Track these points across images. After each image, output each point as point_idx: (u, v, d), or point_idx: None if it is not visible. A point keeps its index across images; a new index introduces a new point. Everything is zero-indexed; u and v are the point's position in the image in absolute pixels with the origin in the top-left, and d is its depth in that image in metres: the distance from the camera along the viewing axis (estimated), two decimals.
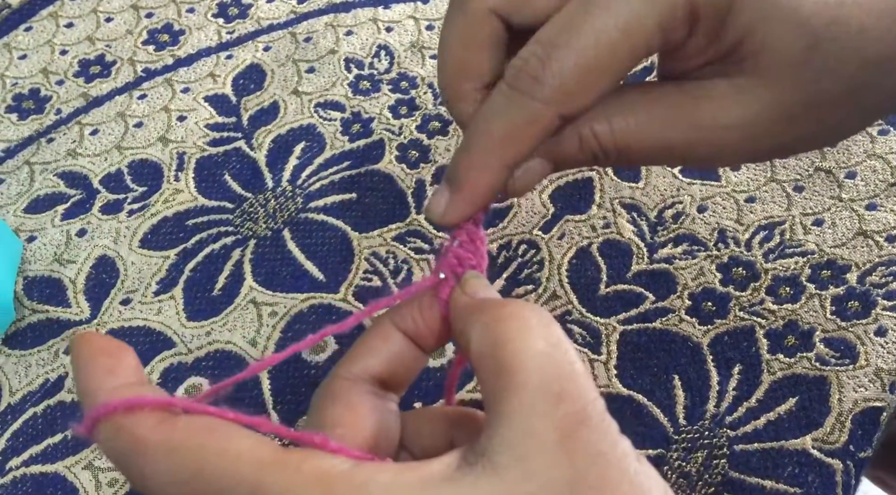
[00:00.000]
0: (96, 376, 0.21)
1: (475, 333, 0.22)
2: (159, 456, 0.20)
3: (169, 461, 0.20)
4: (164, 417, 0.20)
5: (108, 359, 0.21)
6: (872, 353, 0.37)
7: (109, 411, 0.20)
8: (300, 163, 0.47)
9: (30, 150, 0.50)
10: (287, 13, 0.55)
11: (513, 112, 0.25)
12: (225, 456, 0.20)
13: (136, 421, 0.20)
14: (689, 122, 0.25)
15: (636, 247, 0.42)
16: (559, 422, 0.20)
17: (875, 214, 0.42)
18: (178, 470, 0.20)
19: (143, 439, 0.20)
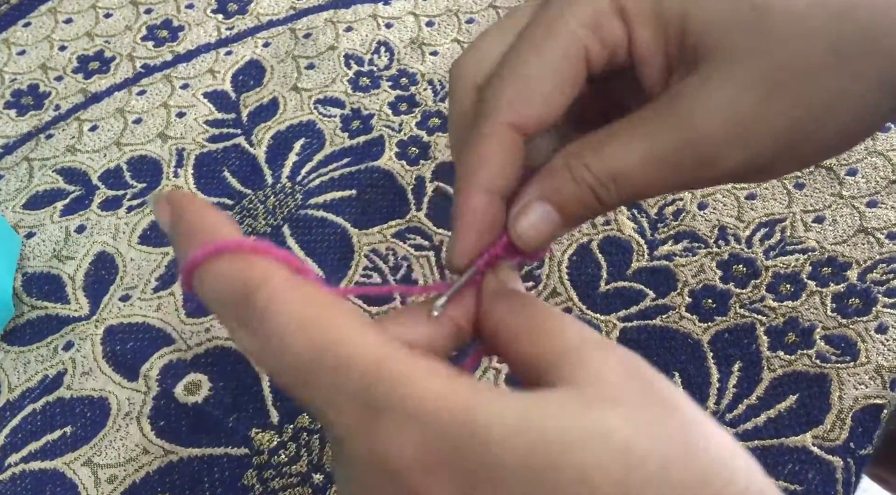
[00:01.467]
0: (213, 220, 0.20)
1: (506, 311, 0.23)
2: (283, 308, 0.19)
3: (289, 317, 0.19)
4: (296, 275, 0.20)
5: (220, 214, 0.21)
6: (873, 350, 0.37)
7: (241, 247, 0.19)
8: (300, 160, 0.47)
9: (28, 146, 0.50)
10: (287, 9, 0.55)
11: (473, 133, 0.26)
12: (347, 341, 0.19)
13: (271, 268, 0.19)
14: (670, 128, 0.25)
15: (636, 244, 0.42)
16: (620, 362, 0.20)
17: (876, 211, 0.42)
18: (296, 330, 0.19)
19: (274, 285, 0.19)
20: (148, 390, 0.40)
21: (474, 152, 0.26)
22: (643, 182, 0.25)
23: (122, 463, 0.38)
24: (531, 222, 0.26)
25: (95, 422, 0.39)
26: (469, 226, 0.26)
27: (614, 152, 0.25)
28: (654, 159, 0.25)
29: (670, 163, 0.25)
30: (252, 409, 0.39)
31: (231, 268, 0.20)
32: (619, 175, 0.25)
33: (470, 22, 0.53)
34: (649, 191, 0.26)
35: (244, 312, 0.20)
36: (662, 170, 0.25)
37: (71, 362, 0.41)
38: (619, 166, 0.25)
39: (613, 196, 0.26)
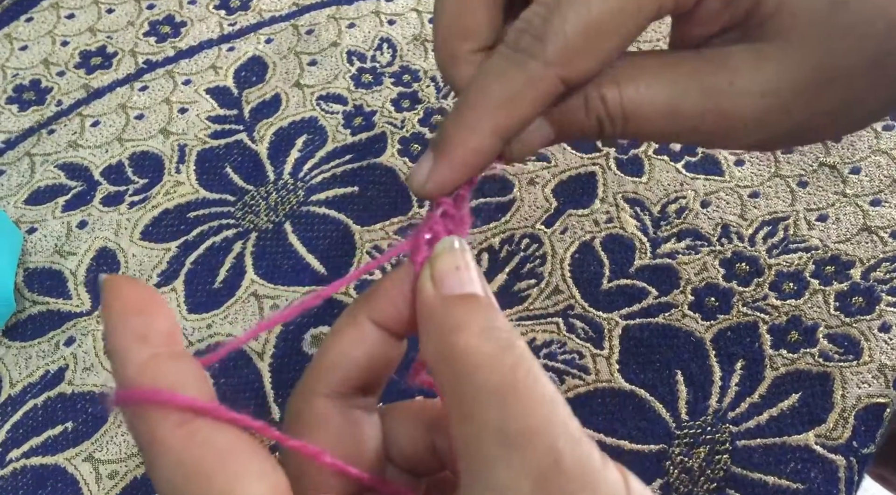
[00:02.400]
0: (126, 340, 0.20)
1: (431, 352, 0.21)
2: (170, 463, 0.19)
3: (176, 473, 0.19)
4: (187, 419, 0.19)
5: (139, 321, 0.20)
6: (876, 349, 0.37)
7: (133, 399, 0.19)
8: (302, 156, 0.47)
9: (30, 142, 0.50)
10: (289, 5, 0.55)
11: (512, 72, 0.23)
12: None
13: (157, 417, 0.19)
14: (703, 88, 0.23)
15: (639, 241, 0.42)
16: (529, 470, 0.18)
17: (879, 210, 0.42)
18: (181, 486, 0.19)
19: (160, 439, 0.19)
20: None
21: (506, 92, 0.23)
22: (653, 130, 0.24)
23: (124, 458, 0.38)
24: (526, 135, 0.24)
25: (97, 418, 0.39)
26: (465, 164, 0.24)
27: (636, 92, 0.24)
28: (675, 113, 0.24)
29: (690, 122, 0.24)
30: (253, 406, 0.39)
31: (129, 421, 0.20)
32: (632, 117, 0.24)
33: None
34: (654, 137, 0.25)
35: (145, 462, 0.19)
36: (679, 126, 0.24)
37: (72, 357, 0.41)
38: (636, 108, 0.24)
39: (617, 131, 0.24)
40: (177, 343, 0.20)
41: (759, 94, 0.24)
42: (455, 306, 0.21)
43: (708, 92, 0.24)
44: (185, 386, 0.19)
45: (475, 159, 0.24)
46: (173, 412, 0.19)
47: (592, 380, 0.38)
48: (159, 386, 0.19)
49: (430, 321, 0.21)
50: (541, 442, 0.18)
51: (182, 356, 0.20)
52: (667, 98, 0.24)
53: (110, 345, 0.20)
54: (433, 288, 0.22)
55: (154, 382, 0.19)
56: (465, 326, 0.20)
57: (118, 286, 0.20)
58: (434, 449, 0.24)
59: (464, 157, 0.24)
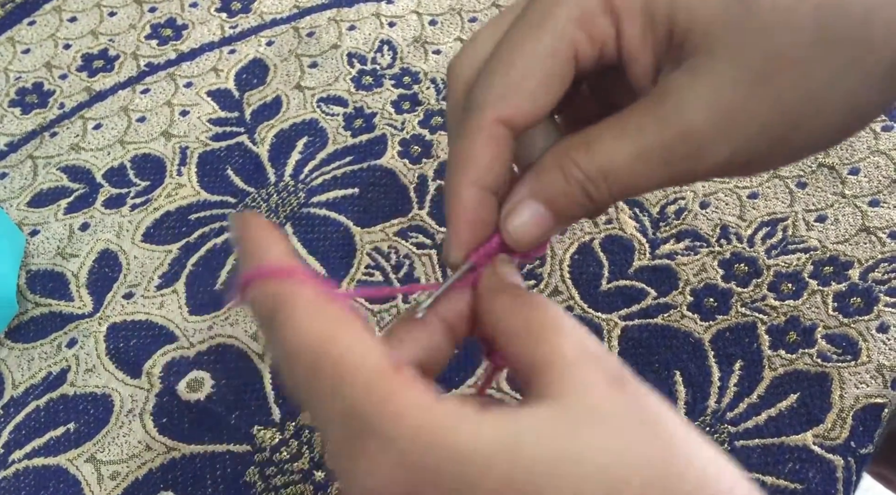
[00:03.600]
0: (265, 242, 0.22)
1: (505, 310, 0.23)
2: (303, 321, 0.21)
3: (300, 334, 0.20)
4: (320, 294, 0.21)
5: (273, 233, 0.23)
6: (874, 350, 0.37)
7: (281, 272, 0.21)
8: (302, 158, 0.48)
9: (33, 144, 0.50)
10: (290, 8, 0.55)
11: (461, 128, 0.26)
12: (343, 360, 0.20)
13: (296, 286, 0.21)
14: (658, 122, 0.25)
15: (638, 242, 0.42)
16: (605, 375, 0.21)
17: (878, 211, 0.42)
18: (303, 346, 0.20)
19: (296, 302, 0.21)
20: (151, 387, 0.40)
21: (462, 147, 0.26)
22: (633, 178, 0.25)
23: (125, 459, 0.38)
24: (522, 221, 0.26)
25: (98, 419, 0.39)
26: (460, 220, 0.26)
27: (603, 149, 0.25)
28: (643, 155, 0.25)
29: (659, 157, 0.25)
30: (254, 406, 0.39)
31: (264, 291, 0.22)
32: (609, 172, 0.25)
33: (473, 21, 0.53)
34: (640, 187, 0.26)
35: (270, 329, 0.21)
36: (652, 166, 0.25)
37: (74, 359, 0.41)
38: (608, 163, 0.25)
39: (604, 193, 0.26)
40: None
41: (703, 107, 0.24)
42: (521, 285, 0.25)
43: (662, 122, 0.25)
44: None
45: (470, 215, 0.26)
46: (310, 286, 0.21)
47: None
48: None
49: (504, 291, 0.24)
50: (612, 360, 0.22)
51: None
52: (632, 143, 0.25)
53: (250, 246, 0.23)
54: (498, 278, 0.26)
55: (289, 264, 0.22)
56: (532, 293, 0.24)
57: (252, 216, 0.23)
58: None
59: (460, 217, 0.26)
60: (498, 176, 0.26)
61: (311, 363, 0.20)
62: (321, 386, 0.20)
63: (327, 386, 0.20)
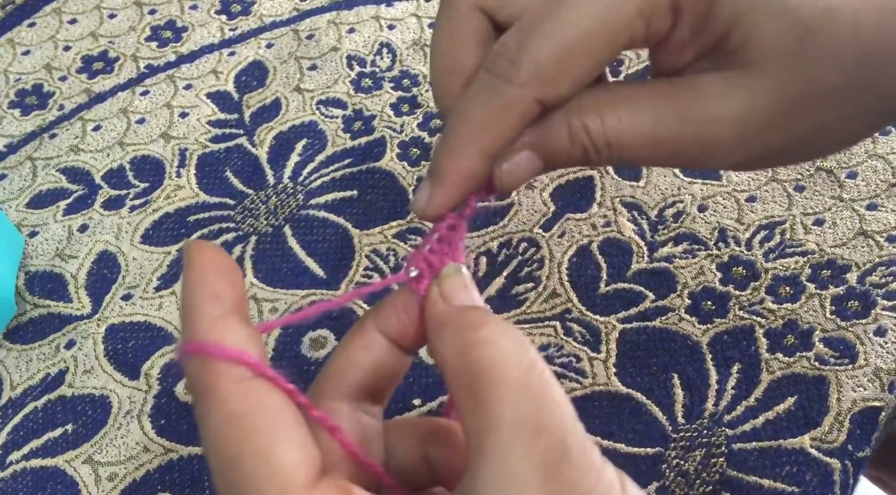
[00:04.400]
0: (202, 296, 0.21)
1: (448, 353, 0.22)
2: (223, 412, 0.20)
3: (226, 423, 0.20)
4: (247, 378, 0.20)
5: (217, 280, 0.21)
6: (872, 353, 0.38)
7: (202, 350, 0.20)
8: (301, 160, 0.48)
9: (32, 146, 0.50)
10: (290, 10, 0.55)
11: (489, 96, 0.24)
12: (262, 461, 0.20)
13: (220, 369, 0.20)
14: (679, 116, 0.24)
15: (636, 245, 0.42)
16: (539, 460, 0.19)
17: (876, 214, 0.42)
18: (225, 441, 0.20)
19: (219, 388, 0.20)
20: (149, 389, 0.40)
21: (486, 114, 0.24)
22: (636, 155, 0.25)
23: (123, 460, 0.38)
24: (514, 164, 0.25)
25: (96, 420, 0.39)
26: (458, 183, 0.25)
27: (616, 122, 0.25)
28: (655, 141, 0.25)
29: (670, 148, 0.25)
30: None
31: (191, 369, 0.21)
32: (616, 144, 0.25)
33: None
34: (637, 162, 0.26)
35: (197, 409, 0.21)
36: (660, 152, 0.25)
37: (73, 360, 0.41)
38: (617, 138, 0.25)
39: (602, 159, 0.25)
40: (245, 309, 0.22)
41: (732, 120, 0.24)
42: (471, 311, 0.23)
43: (684, 119, 0.25)
44: (248, 348, 0.21)
45: (466, 181, 0.25)
46: (236, 367, 0.20)
47: (589, 384, 0.38)
48: (226, 344, 0.21)
49: (447, 326, 0.23)
50: (552, 435, 0.19)
51: (248, 321, 0.22)
52: (647, 126, 0.25)
53: (186, 300, 0.21)
54: (443, 302, 0.24)
55: (221, 339, 0.21)
56: (483, 325, 0.22)
57: (202, 248, 0.22)
58: (428, 461, 0.25)
59: (455, 180, 0.25)
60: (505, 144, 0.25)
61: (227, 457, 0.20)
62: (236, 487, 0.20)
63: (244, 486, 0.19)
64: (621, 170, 0.45)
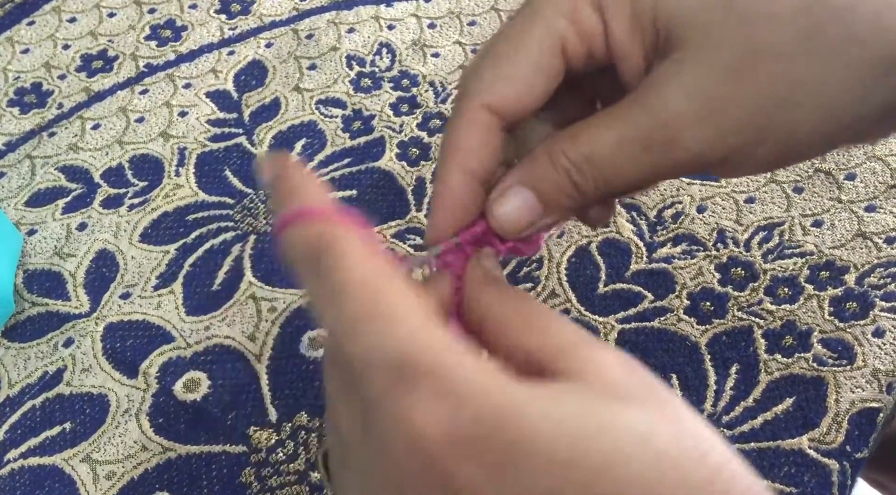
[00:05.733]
0: (306, 184, 0.22)
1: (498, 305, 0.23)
2: (350, 266, 0.20)
3: (354, 275, 0.20)
4: (367, 240, 0.21)
5: (312, 177, 0.23)
6: (870, 354, 0.38)
7: (333, 217, 0.21)
8: (301, 160, 0.48)
9: (31, 144, 0.50)
10: (289, 10, 0.55)
11: (453, 115, 0.27)
12: (401, 304, 0.20)
13: (348, 233, 0.21)
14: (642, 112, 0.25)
15: (635, 246, 0.42)
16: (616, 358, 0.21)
17: (874, 216, 0.42)
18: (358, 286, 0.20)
19: (347, 248, 0.21)
20: (147, 387, 0.40)
21: (451, 132, 0.26)
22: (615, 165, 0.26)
23: (121, 459, 0.38)
24: (510, 206, 0.26)
25: (94, 419, 0.39)
26: (443, 203, 0.26)
27: (588, 137, 0.26)
28: (623, 142, 0.25)
29: (639, 144, 0.25)
30: (251, 407, 0.39)
31: (310, 230, 0.22)
32: (591, 157, 0.26)
33: (472, 24, 0.53)
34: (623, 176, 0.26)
35: (315, 267, 0.21)
36: (632, 152, 0.25)
37: (71, 359, 0.41)
38: (590, 150, 0.26)
39: (589, 181, 0.26)
40: None
41: (682, 96, 0.25)
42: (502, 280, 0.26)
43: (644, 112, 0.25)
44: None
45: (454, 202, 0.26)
46: (359, 232, 0.21)
47: None
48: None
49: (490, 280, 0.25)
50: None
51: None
52: (615, 132, 0.26)
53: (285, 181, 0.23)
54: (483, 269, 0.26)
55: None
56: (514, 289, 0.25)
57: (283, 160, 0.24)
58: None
59: (442, 201, 0.26)
60: (483, 162, 0.26)
61: (366, 302, 0.20)
62: (373, 328, 0.20)
63: (381, 327, 0.20)
64: None
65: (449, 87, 0.50)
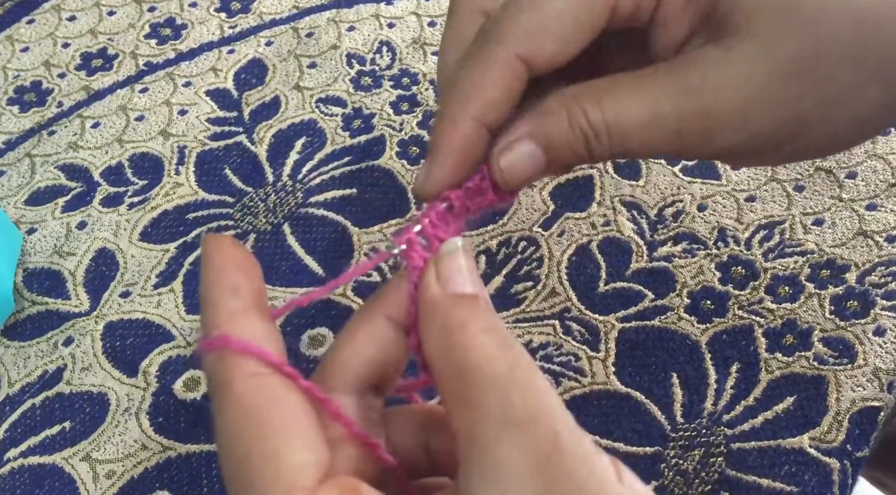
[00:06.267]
0: (221, 290, 0.21)
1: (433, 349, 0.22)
2: (236, 407, 0.20)
3: (238, 419, 0.20)
4: (264, 373, 0.20)
5: (236, 275, 0.22)
6: (871, 353, 0.38)
7: (220, 344, 0.21)
8: (301, 158, 0.48)
9: (31, 143, 0.50)
10: (289, 8, 0.55)
11: (476, 57, 0.24)
12: (270, 460, 0.19)
13: (236, 363, 0.20)
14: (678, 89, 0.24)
15: (636, 245, 0.42)
16: (531, 451, 0.19)
17: (875, 214, 0.42)
18: (236, 437, 0.20)
19: (234, 383, 0.20)
20: (147, 386, 0.40)
21: (473, 77, 0.24)
22: (638, 140, 0.25)
23: (121, 458, 0.38)
24: (516, 157, 0.25)
25: (94, 418, 0.39)
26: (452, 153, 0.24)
27: (616, 104, 0.24)
28: (655, 120, 0.24)
29: (672, 127, 0.24)
30: None
31: (209, 362, 0.21)
32: (616, 128, 0.24)
33: None
34: (642, 149, 0.25)
35: (213, 403, 0.21)
36: (661, 133, 0.24)
37: (71, 358, 0.41)
38: (618, 120, 0.24)
39: (605, 148, 0.25)
40: (264, 302, 0.22)
41: (731, 88, 0.24)
42: (459, 305, 0.22)
43: (683, 92, 0.24)
44: (266, 342, 0.21)
45: (461, 151, 0.25)
46: (252, 362, 0.20)
47: (588, 383, 0.38)
48: (244, 337, 0.21)
49: (434, 318, 0.22)
50: (542, 425, 0.19)
51: (267, 315, 0.22)
52: (646, 104, 0.24)
53: (205, 295, 0.21)
54: (438, 286, 0.23)
55: (241, 333, 0.21)
56: (468, 324, 0.21)
57: (220, 243, 0.22)
58: (428, 450, 0.25)
59: (450, 151, 0.24)
60: (501, 114, 0.25)
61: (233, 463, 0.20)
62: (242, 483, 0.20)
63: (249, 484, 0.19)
64: (621, 168, 0.45)
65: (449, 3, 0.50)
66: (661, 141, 0.25)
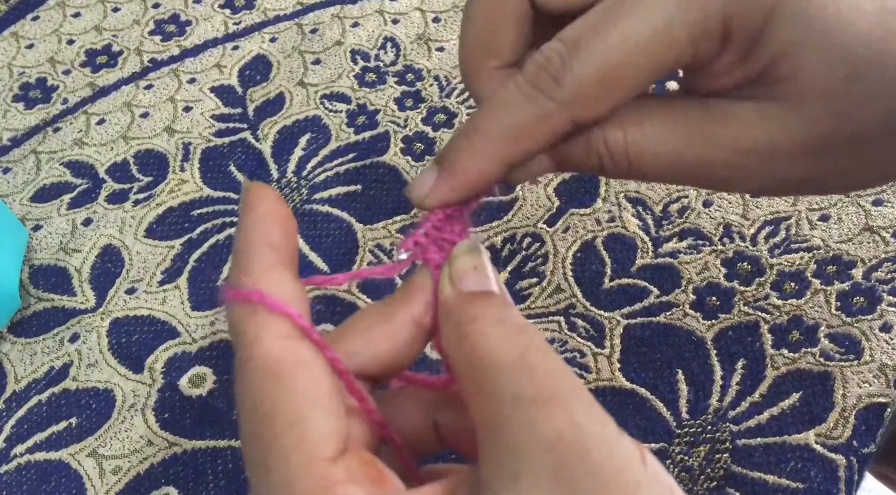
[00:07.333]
0: (259, 242, 0.21)
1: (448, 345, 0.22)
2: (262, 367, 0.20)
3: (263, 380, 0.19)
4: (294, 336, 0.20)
5: (274, 228, 0.21)
6: (877, 349, 0.37)
7: (252, 299, 0.20)
8: (305, 155, 0.48)
9: (36, 139, 0.50)
10: (293, 4, 0.55)
11: (525, 108, 0.24)
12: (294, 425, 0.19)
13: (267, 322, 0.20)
14: (708, 140, 0.24)
15: (641, 241, 0.42)
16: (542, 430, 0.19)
17: (882, 210, 0.42)
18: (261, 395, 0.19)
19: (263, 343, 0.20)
20: (153, 382, 0.40)
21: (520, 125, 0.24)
22: (655, 173, 0.24)
23: (127, 454, 0.38)
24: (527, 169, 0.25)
25: (100, 414, 0.39)
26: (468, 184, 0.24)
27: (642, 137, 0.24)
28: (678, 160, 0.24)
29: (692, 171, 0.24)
30: None
31: (238, 315, 0.20)
32: (636, 160, 0.24)
33: None
34: (654, 179, 0.25)
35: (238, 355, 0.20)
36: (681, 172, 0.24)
37: (77, 354, 0.41)
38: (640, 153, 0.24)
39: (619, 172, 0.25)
40: (296, 264, 0.21)
41: (762, 152, 0.24)
42: (471, 301, 0.22)
43: (712, 144, 0.24)
44: (297, 304, 0.20)
45: (478, 182, 0.25)
46: (284, 323, 0.20)
47: (593, 379, 0.38)
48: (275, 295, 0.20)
49: (449, 316, 0.22)
50: (553, 403, 0.19)
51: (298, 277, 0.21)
52: (671, 145, 0.24)
53: (242, 243, 0.21)
54: (451, 287, 0.23)
55: (274, 289, 0.20)
56: (480, 317, 0.21)
57: (264, 192, 0.22)
58: (436, 427, 0.25)
59: (467, 179, 0.24)
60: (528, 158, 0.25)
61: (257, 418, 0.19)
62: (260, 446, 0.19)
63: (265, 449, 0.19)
64: None
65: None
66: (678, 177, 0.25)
